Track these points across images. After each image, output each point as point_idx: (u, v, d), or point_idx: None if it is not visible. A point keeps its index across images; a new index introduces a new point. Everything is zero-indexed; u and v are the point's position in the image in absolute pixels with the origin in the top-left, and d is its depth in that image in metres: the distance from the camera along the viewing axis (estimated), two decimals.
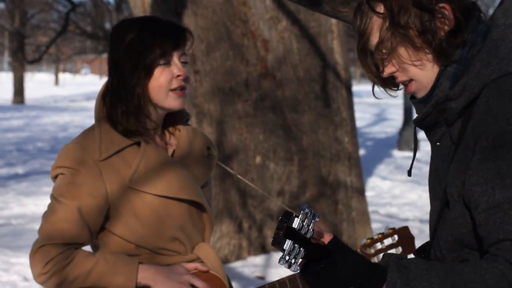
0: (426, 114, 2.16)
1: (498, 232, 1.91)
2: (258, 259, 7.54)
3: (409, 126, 17.39)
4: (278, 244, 2.00)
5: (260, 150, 7.49)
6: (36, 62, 34.55)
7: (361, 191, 7.98)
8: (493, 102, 2.02)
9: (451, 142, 2.15)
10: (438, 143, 2.21)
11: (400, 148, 17.23)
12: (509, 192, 1.91)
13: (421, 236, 8.02)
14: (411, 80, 2.19)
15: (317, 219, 2.01)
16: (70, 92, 47.10)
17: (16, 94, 35.75)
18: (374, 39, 2.18)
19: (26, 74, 39.49)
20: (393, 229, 3.11)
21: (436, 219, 2.15)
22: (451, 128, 2.15)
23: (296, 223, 2.00)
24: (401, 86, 2.28)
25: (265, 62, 7.43)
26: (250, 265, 7.40)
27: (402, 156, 16.24)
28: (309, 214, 2.00)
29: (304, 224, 2.00)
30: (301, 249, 1.99)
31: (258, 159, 7.49)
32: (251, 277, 7.07)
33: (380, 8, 2.16)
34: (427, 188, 2.35)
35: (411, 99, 2.25)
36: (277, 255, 7.35)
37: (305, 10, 7.41)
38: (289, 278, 2.86)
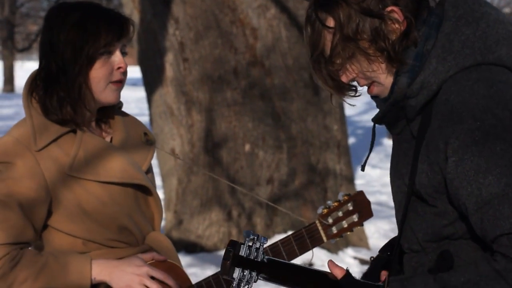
0: (385, 112, 2.14)
1: (494, 229, 1.93)
2: None
3: None
4: (227, 274, 2.02)
5: (249, 138, 7.49)
6: (26, 50, 34.49)
7: (350, 179, 8.00)
8: (455, 100, 2.00)
9: (411, 136, 2.14)
10: (398, 135, 2.19)
11: (390, 136, 17.25)
12: (494, 187, 1.92)
13: None
14: (373, 82, 2.16)
15: (265, 241, 2.03)
16: None
17: (6, 83, 35.62)
18: (328, 50, 2.14)
19: (16, 63, 39.34)
20: (349, 195, 3.04)
21: (404, 214, 2.14)
22: (411, 123, 2.13)
23: (242, 250, 2.02)
24: (359, 92, 2.23)
25: (253, 50, 7.43)
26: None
27: (388, 144, 16.25)
28: (255, 239, 2.03)
29: (252, 249, 2.03)
30: (253, 273, 2.02)
31: (247, 147, 7.50)
32: None
33: (330, 22, 2.11)
34: None
35: (372, 97, 2.23)
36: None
37: None
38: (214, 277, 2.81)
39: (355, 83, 2.21)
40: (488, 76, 2.02)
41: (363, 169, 2.28)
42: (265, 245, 2.06)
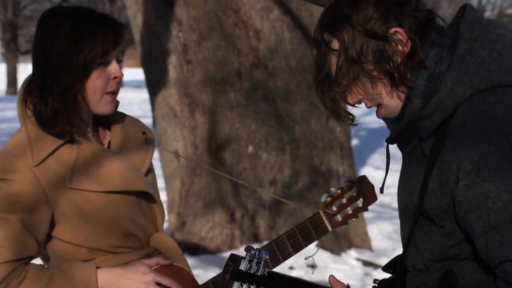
0: (399, 132, 2.15)
1: (498, 255, 1.93)
2: None
3: None
4: None
5: (252, 140, 7.49)
6: (29, 53, 34.39)
7: None
8: (471, 124, 2.00)
9: (423, 155, 2.14)
10: (408, 154, 2.20)
11: None
12: (503, 214, 1.92)
13: None
14: (379, 104, 2.17)
15: (266, 256, 2.04)
16: None
17: (10, 85, 35.68)
18: (333, 72, 2.15)
19: (20, 65, 39.37)
20: (352, 181, 3.03)
21: (410, 232, 2.13)
22: (423, 143, 2.13)
23: (242, 265, 2.03)
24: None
25: (257, 52, 7.44)
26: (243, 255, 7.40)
27: (395, 146, 16.21)
28: (256, 254, 2.03)
29: (253, 263, 2.04)
30: (252, 286, 2.03)
31: (250, 149, 7.50)
32: None
33: (335, 44, 2.12)
34: None
35: (383, 119, 2.23)
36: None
37: (296, 0, 7.41)
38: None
39: (361, 106, 2.23)
40: (505, 100, 2.02)
41: (381, 192, 2.29)
42: (269, 241, 2.06)
